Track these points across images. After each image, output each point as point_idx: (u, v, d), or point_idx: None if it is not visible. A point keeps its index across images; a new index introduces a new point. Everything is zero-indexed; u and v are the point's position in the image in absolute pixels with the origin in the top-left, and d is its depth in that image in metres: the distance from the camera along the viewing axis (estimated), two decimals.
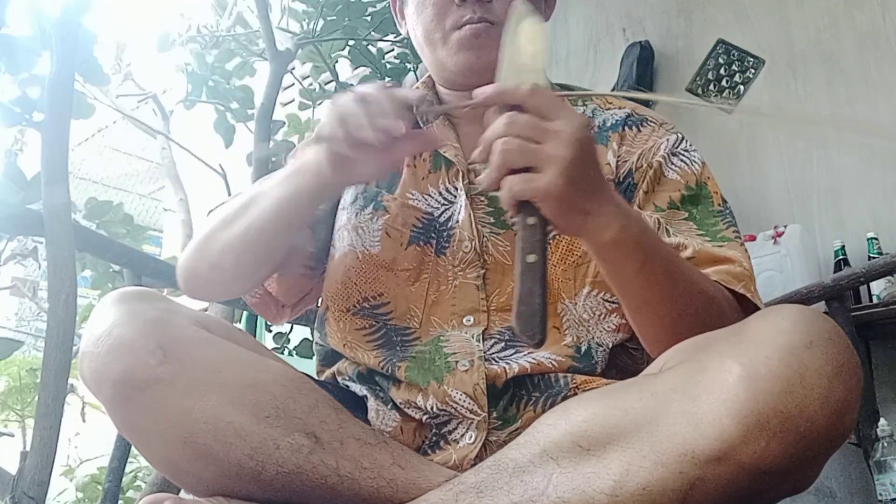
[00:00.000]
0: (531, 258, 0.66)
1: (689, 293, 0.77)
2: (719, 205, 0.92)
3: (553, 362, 0.85)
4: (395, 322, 0.92)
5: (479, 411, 0.84)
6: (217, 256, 0.92)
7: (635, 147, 0.95)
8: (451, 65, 0.95)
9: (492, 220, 0.93)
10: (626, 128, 0.97)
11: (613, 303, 0.88)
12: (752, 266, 0.87)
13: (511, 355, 0.86)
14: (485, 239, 0.92)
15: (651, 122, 0.98)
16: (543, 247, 0.67)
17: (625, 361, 0.91)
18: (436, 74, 1.01)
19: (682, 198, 0.91)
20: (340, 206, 1.01)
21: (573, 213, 0.68)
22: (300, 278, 1.02)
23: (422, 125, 0.98)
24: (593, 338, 0.88)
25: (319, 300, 1.02)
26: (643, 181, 0.92)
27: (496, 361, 0.86)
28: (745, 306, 0.82)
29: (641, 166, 0.93)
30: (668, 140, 0.94)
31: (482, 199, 0.94)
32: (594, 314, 0.88)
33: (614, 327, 0.88)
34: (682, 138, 0.96)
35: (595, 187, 0.69)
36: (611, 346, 0.88)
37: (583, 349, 0.87)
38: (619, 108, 0.99)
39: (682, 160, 0.93)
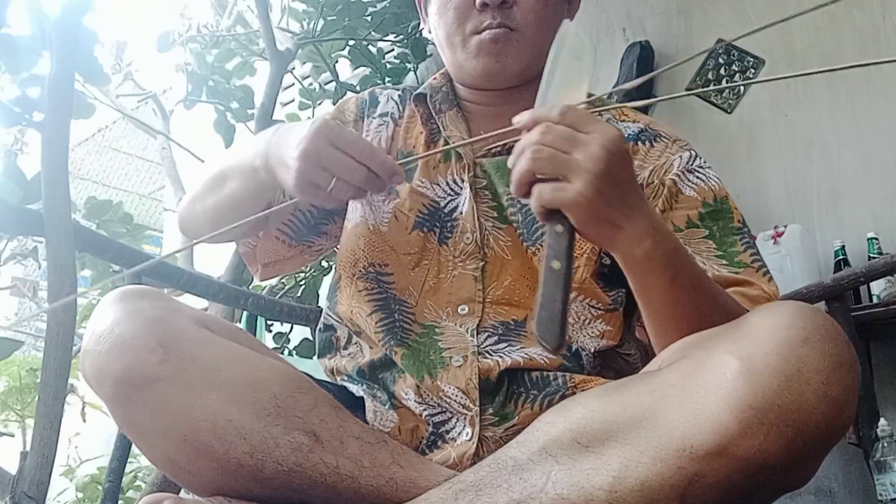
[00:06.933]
0: (556, 265, 0.67)
1: (713, 311, 0.77)
2: (739, 222, 0.92)
3: (545, 359, 0.87)
4: (396, 292, 0.94)
5: (471, 406, 0.85)
6: (201, 218, 1.02)
7: (647, 162, 0.95)
8: (469, 68, 0.97)
9: (495, 214, 0.94)
10: (638, 142, 0.97)
11: (599, 309, 0.90)
12: (774, 289, 0.87)
13: (504, 349, 0.88)
14: (486, 232, 0.93)
15: (664, 137, 0.98)
16: (569, 255, 0.67)
17: (620, 365, 0.92)
18: (455, 75, 1.03)
19: (700, 215, 0.91)
20: None
21: (602, 224, 0.68)
22: (274, 241, 1.05)
23: (434, 114, 1.00)
24: (577, 341, 0.89)
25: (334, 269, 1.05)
26: (657, 199, 0.92)
27: (489, 355, 0.87)
28: None
29: (653, 182, 0.93)
30: (681, 157, 0.94)
31: (486, 193, 0.95)
32: (579, 319, 0.90)
33: (598, 333, 0.90)
34: (696, 155, 0.95)
35: (627, 201, 0.69)
36: (594, 350, 0.89)
37: (573, 349, 0.89)
38: (634, 121, 1.00)
39: (698, 177, 0.93)
